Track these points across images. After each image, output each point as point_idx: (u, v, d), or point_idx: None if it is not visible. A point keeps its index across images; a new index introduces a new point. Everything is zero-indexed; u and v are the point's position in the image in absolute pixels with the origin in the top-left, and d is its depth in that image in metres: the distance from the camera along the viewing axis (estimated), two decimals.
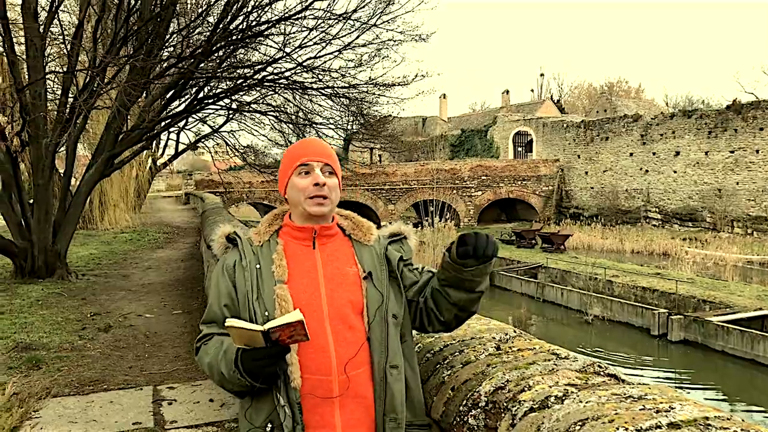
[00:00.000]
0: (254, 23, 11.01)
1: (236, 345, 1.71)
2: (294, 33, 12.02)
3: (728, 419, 1.30)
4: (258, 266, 1.87)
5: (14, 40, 10.48)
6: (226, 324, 1.67)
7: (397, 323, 1.88)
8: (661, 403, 1.41)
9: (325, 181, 1.89)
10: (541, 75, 75.54)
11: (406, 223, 2.11)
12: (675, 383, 12.85)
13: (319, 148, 1.96)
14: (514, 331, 2.23)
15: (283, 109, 15.62)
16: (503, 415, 1.62)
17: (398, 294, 1.92)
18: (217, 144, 20.95)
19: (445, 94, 62.09)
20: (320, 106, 15.40)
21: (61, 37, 11.63)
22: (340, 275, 1.87)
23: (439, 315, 1.91)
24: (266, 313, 1.79)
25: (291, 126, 15.99)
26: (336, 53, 12.73)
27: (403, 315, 1.91)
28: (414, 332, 2.06)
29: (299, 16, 11.24)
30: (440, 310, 1.90)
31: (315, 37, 12.02)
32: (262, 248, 1.91)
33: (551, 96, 63.46)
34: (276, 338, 1.64)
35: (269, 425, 1.77)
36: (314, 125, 15.64)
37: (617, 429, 1.31)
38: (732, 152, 30.08)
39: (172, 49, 12.17)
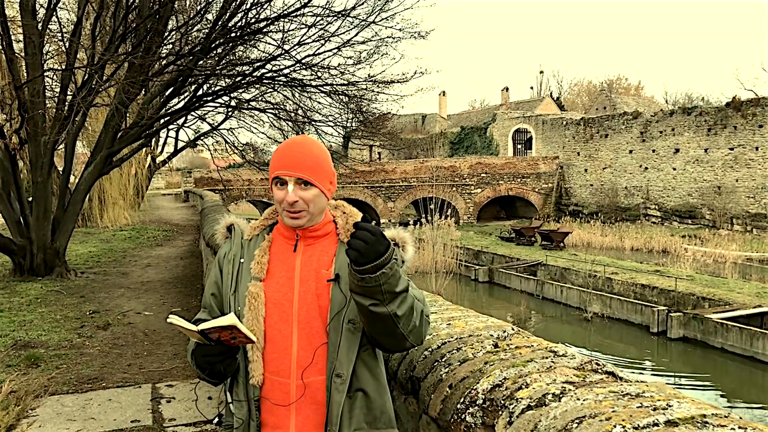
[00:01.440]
0: (253, 20, 10.99)
1: (192, 339, 1.75)
2: (293, 30, 12.01)
3: (725, 417, 1.30)
4: (241, 260, 1.88)
5: (13, 37, 10.46)
6: (167, 320, 1.70)
7: (355, 329, 1.79)
8: (659, 400, 1.41)
9: (296, 199, 1.79)
10: (541, 72, 75.65)
11: (405, 228, 2.04)
12: (674, 381, 12.87)
13: (295, 159, 1.83)
14: (512, 329, 2.23)
15: (282, 106, 15.60)
16: (500, 412, 1.62)
17: None
18: (217, 142, 20.96)
19: (444, 92, 62.09)
20: (319, 103, 15.39)
21: (59, 34, 11.62)
22: (315, 278, 1.82)
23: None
24: (239, 308, 1.80)
25: (290, 123, 15.98)
26: (335, 50, 12.73)
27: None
28: None
29: (298, 13, 11.22)
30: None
31: (314, 35, 12.02)
32: (250, 242, 1.92)
33: (551, 93, 63.45)
34: (217, 339, 1.65)
35: (216, 418, 1.82)
36: (313, 122, 15.63)
37: (614, 427, 1.30)
38: (731, 149, 30.08)
39: (170, 46, 12.14)
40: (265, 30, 11.47)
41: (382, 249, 1.61)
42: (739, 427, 1.25)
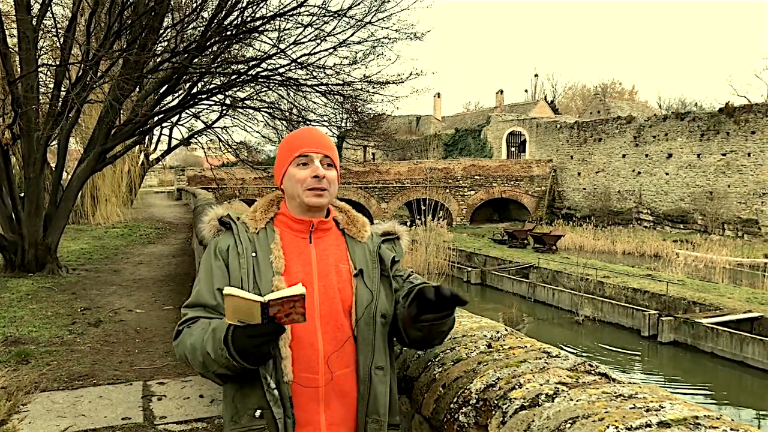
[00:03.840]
0: (249, 19, 10.97)
1: (228, 321, 1.57)
2: (289, 29, 12.01)
3: (718, 418, 1.31)
4: (254, 254, 1.81)
5: (6, 32, 10.40)
6: (224, 291, 1.54)
7: (386, 323, 1.85)
8: (652, 402, 1.41)
9: (324, 174, 1.84)
10: (536, 75, 76.04)
11: (401, 223, 2.09)
12: (664, 384, 12.91)
13: (319, 138, 1.91)
14: (506, 329, 2.23)
15: (276, 105, 15.58)
16: (494, 412, 1.62)
17: (389, 294, 1.89)
18: (210, 140, 20.88)
19: (439, 93, 62.15)
20: (314, 103, 15.39)
21: (54, 30, 11.57)
22: (333, 271, 1.84)
23: (402, 334, 1.88)
24: None
25: (285, 123, 15.96)
26: (331, 50, 12.72)
27: (391, 315, 1.88)
28: None
29: (294, 12, 11.22)
30: (400, 331, 1.87)
31: (310, 34, 12.01)
32: (258, 235, 1.85)
33: (545, 97, 63.57)
34: (273, 314, 1.54)
35: (259, 410, 1.69)
36: (308, 122, 15.62)
37: (607, 427, 1.31)
38: (724, 155, 30.24)
39: (166, 43, 12.11)
40: (260, 29, 11.46)
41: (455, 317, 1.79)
42: (731, 429, 1.25)
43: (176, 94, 14.02)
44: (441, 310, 1.68)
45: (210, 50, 11.31)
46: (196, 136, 21.13)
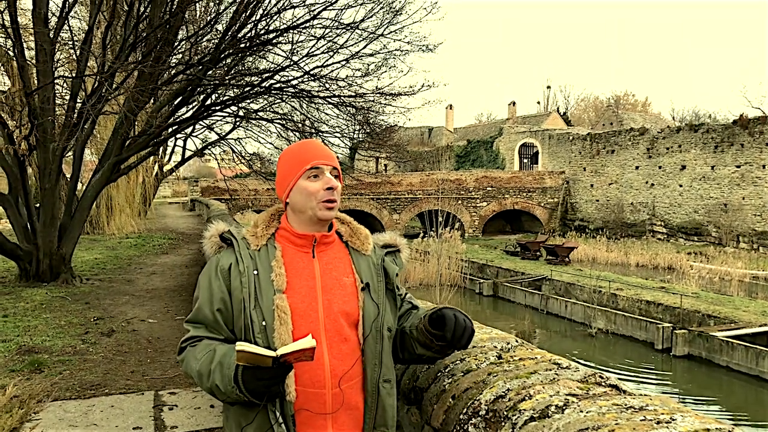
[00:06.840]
0: (262, 31, 11.05)
1: (238, 362, 1.61)
2: (302, 42, 12.08)
3: (729, 431, 1.30)
4: (255, 272, 1.78)
5: (24, 44, 10.55)
6: (236, 348, 1.56)
7: (391, 336, 1.87)
8: (662, 414, 1.40)
9: (337, 184, 1.85)
10: (548, 87, 75.90)
11: (401, 235, 2.10)
12: (678, 398, 12.76)
13: (326, 151, 1.90)
14: (516, 341, 2.22)
15: (289, 117, 15.65)
16: (503, 423, 1.61)
17: (393, 307, 1.90)
18: (224, 151, 21.05)
19: (451, 105, 62.17)
20: (327, 114, 15.44)
21: (70, 42, 11.71)
22: (338, 285, 1.82)
23: (398, 351, 1.95)
24: (264, 323, 1.72)
25: (297, 134, 16.02)
26: (343, 62, 12.78)
27: (395, 329, 1.90)
28: None
29: (307, 25, 11.30)
30: (401, 349, 1.93)
31: (322, 46, 12.08)
32: (259, 252, 1.82)
33: (557, 108, 63.48)
34: (283, 361, 1.58)
35: None
36: (320, 133, 15.68)
37: None
38: (738, 167, 30.01)
39: (180, 55, 12.23)
40: (274, 41, 11.53)
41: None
42: None
43: (190, 106, 14.12)
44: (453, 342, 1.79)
45: (224, 62, 11.39)
46: (209, 147, 21.29)
